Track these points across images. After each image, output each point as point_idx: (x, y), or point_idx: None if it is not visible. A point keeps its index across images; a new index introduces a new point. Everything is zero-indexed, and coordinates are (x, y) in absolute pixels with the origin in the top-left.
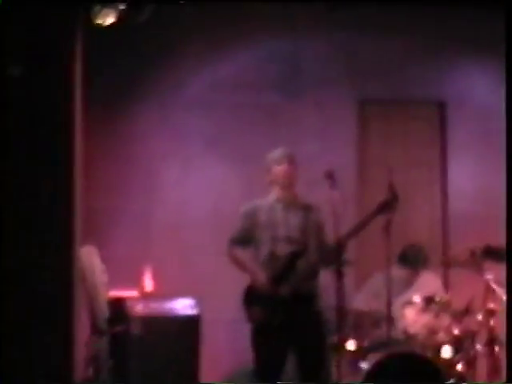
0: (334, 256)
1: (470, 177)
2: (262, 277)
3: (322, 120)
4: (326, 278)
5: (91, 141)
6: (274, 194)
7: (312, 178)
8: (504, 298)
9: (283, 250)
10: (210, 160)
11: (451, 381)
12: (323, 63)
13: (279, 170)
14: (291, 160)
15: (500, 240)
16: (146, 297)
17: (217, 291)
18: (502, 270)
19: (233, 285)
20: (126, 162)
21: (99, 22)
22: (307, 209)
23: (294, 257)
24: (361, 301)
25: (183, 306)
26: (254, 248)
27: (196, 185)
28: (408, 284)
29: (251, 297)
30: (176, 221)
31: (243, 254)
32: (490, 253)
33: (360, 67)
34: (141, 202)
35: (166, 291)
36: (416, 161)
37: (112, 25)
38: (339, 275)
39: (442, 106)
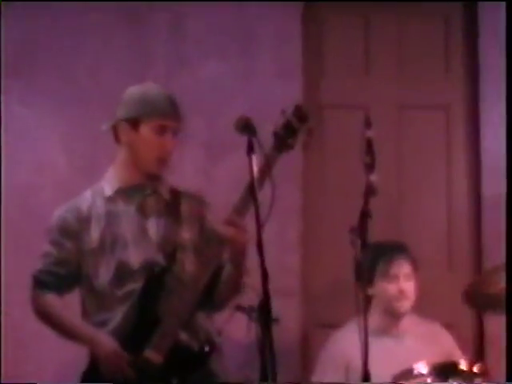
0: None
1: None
2: (108, 342)
3: None
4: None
5: None
6: (116, 179)
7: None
8: None
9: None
10: None
11: None
12: None
13: (154, 139)
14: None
15: None
16: None
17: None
18: None
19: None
20: None
21: None
22: (178, 203)
23: (152, 291)
24: (320, 370)
25: None
26: (85, 290)
27: None
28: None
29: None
30: None
31: (60, 303)
32: None
33: None
34: None
35: None
36: None
37: None
38: (266, 328)
39: None
